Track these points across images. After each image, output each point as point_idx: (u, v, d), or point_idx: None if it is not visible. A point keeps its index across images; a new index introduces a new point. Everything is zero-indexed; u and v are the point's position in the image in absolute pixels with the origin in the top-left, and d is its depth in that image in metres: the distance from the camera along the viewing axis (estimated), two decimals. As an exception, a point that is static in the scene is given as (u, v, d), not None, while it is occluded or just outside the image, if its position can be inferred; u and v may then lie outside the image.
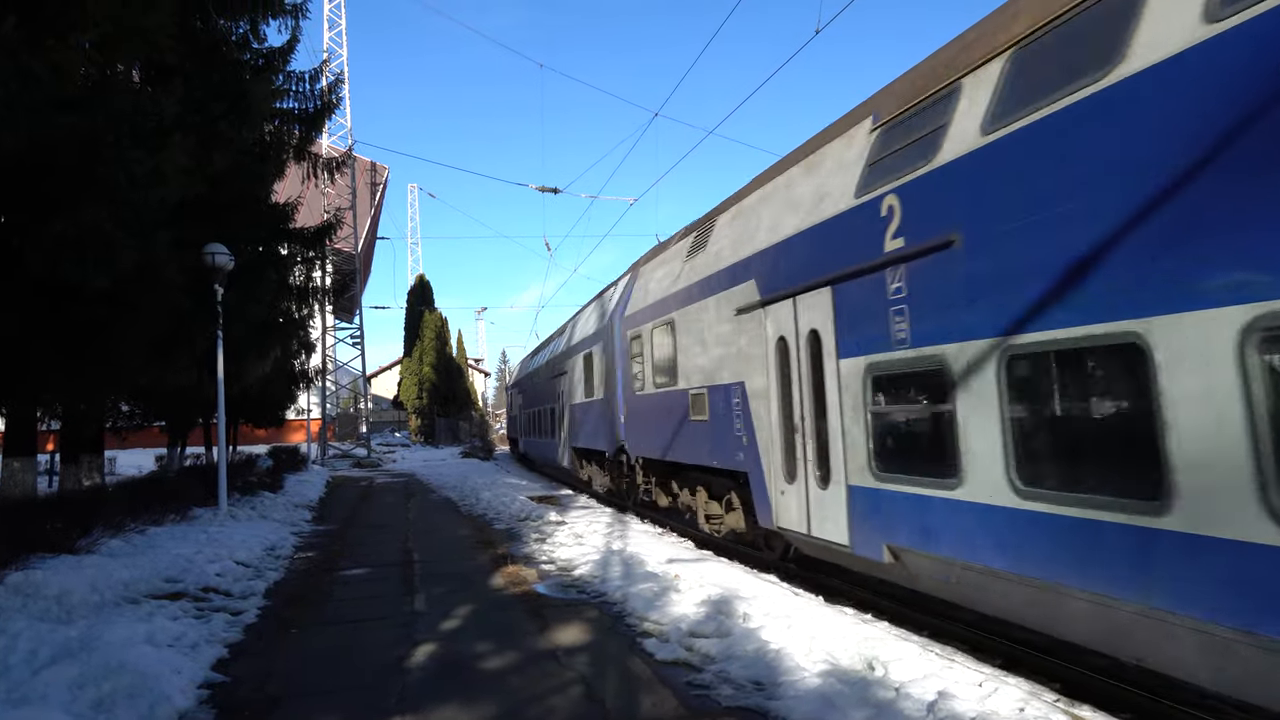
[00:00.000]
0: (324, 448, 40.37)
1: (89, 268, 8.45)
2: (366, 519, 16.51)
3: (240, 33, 14.28)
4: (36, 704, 4.95)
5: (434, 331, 62.70)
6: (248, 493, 17.68)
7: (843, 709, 4.81)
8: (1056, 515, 5.14)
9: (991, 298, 5.72)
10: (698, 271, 11.53)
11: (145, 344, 10.25)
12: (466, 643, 6.83)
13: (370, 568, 10.68)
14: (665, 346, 12.89)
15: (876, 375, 7.17)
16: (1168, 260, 4.37)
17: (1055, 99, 5.23)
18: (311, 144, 18.09)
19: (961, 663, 5.72)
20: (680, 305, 12.14)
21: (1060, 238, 5.07)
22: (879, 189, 7.09)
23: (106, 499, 11.64)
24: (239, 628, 7.54)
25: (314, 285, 20.32)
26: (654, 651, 6.33)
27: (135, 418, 19.75)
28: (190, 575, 9.22)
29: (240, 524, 13.48)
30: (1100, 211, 4.79)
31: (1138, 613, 4.62)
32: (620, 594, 8.16)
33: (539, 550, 11.36)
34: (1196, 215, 4.26)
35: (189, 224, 11.34)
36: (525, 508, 15.58)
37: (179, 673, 5.72)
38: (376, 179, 51.62)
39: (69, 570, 8.16)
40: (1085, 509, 4.90)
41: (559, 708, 5.27)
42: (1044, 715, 4.53)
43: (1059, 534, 5.13)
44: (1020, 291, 5.42)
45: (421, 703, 5.41)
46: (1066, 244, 5.02)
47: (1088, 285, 4.85)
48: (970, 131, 6.03)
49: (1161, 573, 4.44)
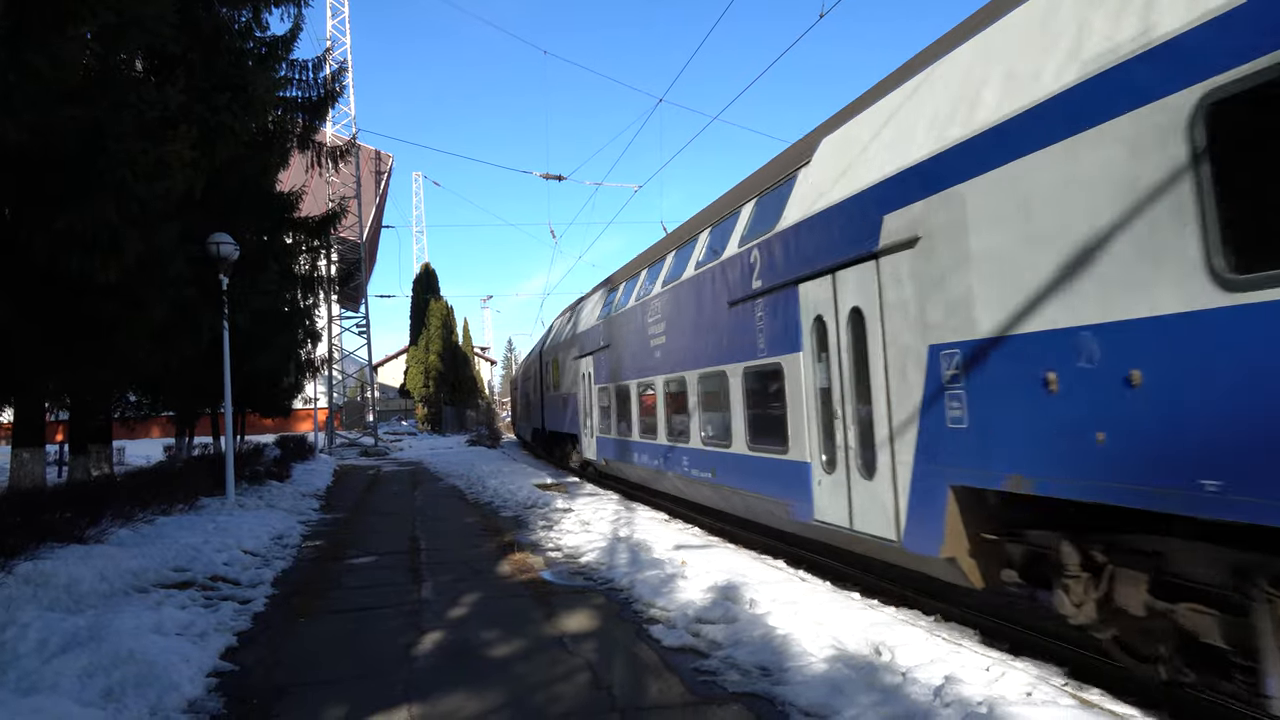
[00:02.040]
0: (331, 437, 40.48)
1: (95, 261, 8.46)
2: (374, 507, 16.57)
3: (243, 21, 14.22)
4: (47, 692, 4.98)
5: (440, 320, 62.79)
6: (255, 482, 17.75)
7: (849, 694, 4.81)
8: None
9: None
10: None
11: (151, 335, 10.26)
12: (473, 630, 6.85)
13: (377, 556, 10.71)
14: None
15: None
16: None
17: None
18: (315, 132, 18.05)
19: (969, 647, 5.72)
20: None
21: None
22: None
23: (115, 489, 11.67)
24: (247, 616, 7.58)
25: (319, 274, 20.34)
26: (661, 638, 6.34)
27: (143, 408, 19.81)
28: (198, 564, 9.26)
29: (248, 513, 13.52)
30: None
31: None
32: (627, 580, 8.18)
33: (546, 537, 11.38)
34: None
35: (194, 214, 11.34)
36: (532, 495, 15.60)
37: (187, 661, 5.75)
38: (381, 167, 51.52)
39: (78, 560, 8.19)
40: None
41: (566, 694, 5.28)
42: (1052, 698, 4.52)
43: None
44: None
45: (429, 690, 5.43)
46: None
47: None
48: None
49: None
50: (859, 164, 7.83)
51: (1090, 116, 4.97)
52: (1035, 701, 4.48)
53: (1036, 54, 5.60)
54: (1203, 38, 4.32)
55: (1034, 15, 5.80)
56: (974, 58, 6.43)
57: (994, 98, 5.92)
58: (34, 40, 6.91)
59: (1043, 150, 5.34)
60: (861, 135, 8.06)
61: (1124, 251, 4.72)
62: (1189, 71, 4.35)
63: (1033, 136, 5.44)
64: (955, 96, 6.48)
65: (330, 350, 37.47)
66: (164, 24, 8.47)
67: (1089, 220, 4.96)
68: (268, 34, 15.07)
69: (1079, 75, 5.10)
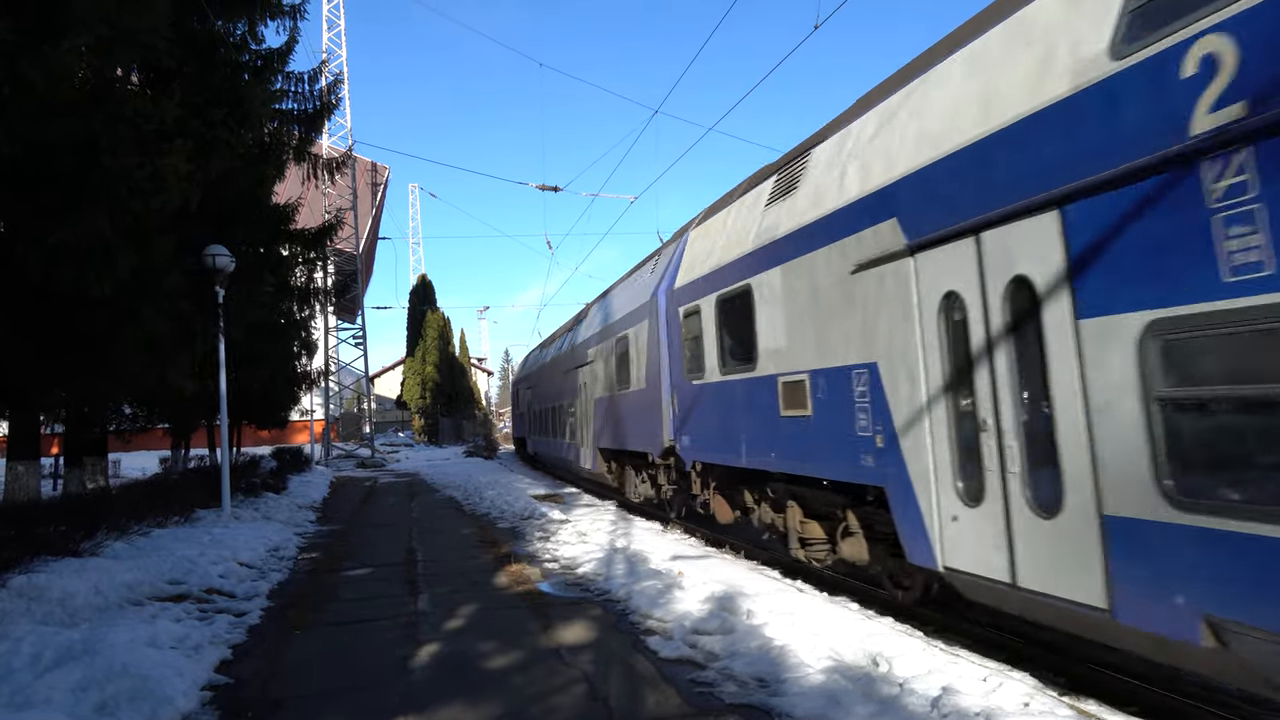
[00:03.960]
0: (328, 448, 40.40)
1: (90, 275, 8.45)
2: (370, 519, 16.52)
3: (238, 34, 14.28)
4: (40, 707, 4.95)
5: (436, 331, 62.76)
6: (251, 494, 17.69)
7: (846, 705, 4.80)
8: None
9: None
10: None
11: (146, 348, 10.24)
12: (470, 642, 6.83)
13: (374, 568, 10.68)
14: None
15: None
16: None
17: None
18: (311, 144, 18.08)
19: (966, 658, 5.71)
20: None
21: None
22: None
23: (110, 501, 11.64)
24: (242, 629, 7.54)
25: (315, 286, 20.33)
26: (657, 649, 6.32)
27: (139, 420, 19.82)
28: (194, 577, 9.21)
29: (244, 525, 13.48)
30: None
31: None
32: (624, 592, 8.15)
33: (543, 548, 11.35)
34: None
35: (189, 227, 11.35)
36: (529, 506, 15.56)
37: (182, 675, 5.71)
38: (377, 179, 51.59)
39: (72, 573, 8.16)
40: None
41: (563, 706, 5.26)
42: (1049, 709, 4.52)
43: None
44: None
45: (425, 703, 5.40)
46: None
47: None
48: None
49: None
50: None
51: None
52: (1033, 712, 4.48)
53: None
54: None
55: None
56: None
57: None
58: (27, 52, 6.91)
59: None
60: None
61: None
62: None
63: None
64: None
65: (326, 362, 37.40)
66: (158, 36, 8.47)
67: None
68: (263, 46, 15.15)
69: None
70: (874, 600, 8.20)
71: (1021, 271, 5.50)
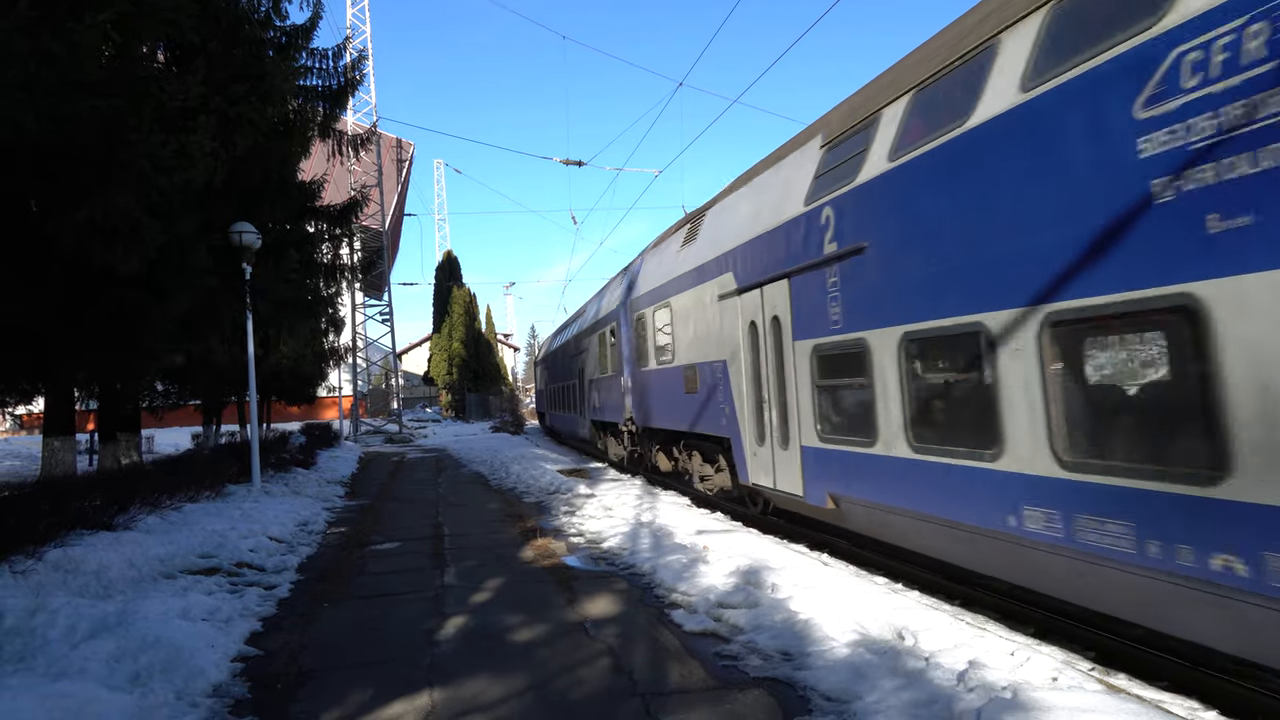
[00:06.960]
0: (356, 424, 40.79)
1: (117, 252, 8.53)
2: (398, 494, 16.68)
3: (263, 11, 14.23)
4: (75, 677, 5.04)
5: (463, 307, 63.06)
6: (281, 469, 17.93)
7: (872, 679, 4.77)
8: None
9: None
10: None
11: (174, 324, 10.34)
12: (496, 615, 6.88)
13: (401, 542, 10.79)
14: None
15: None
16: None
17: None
18: (336, 121, 18.04)
19: (993, 632, 5.66)
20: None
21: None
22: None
23: (143, 476, 11.81)
24: (272, 602, 7.64)
25: (341, 262, 20.39)
26: (682, 623, 6.33)
27: (171, 396, 20.09)
28: (224, 551, 9.35)
29: (274, 500, 13.66)
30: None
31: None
32: (649, 565, 8.17)
33: (568, 523, 11.41)
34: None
35: (215, 204, 11.41)
36: (554, 481, 15.64)
37: (213, 646, 5.81)
38: (402, 155, 51.72)
39: (106, 546, 8.31)
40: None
41: (588, 679, 5.28)
42: (1078, 683, 4.45)
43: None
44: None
45: (452, 674, 5.45)
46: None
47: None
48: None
49: None
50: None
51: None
52: (1061, 686, 4.42)
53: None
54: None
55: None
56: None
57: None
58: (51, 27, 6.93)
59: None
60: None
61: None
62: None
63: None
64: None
65: (354, 338, 37.69)
66: (183, 13, 8.48)
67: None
68: (287, 23, 15.07)
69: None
70: (900, 574, 8.16)
71: (776, 312, 9.60)
